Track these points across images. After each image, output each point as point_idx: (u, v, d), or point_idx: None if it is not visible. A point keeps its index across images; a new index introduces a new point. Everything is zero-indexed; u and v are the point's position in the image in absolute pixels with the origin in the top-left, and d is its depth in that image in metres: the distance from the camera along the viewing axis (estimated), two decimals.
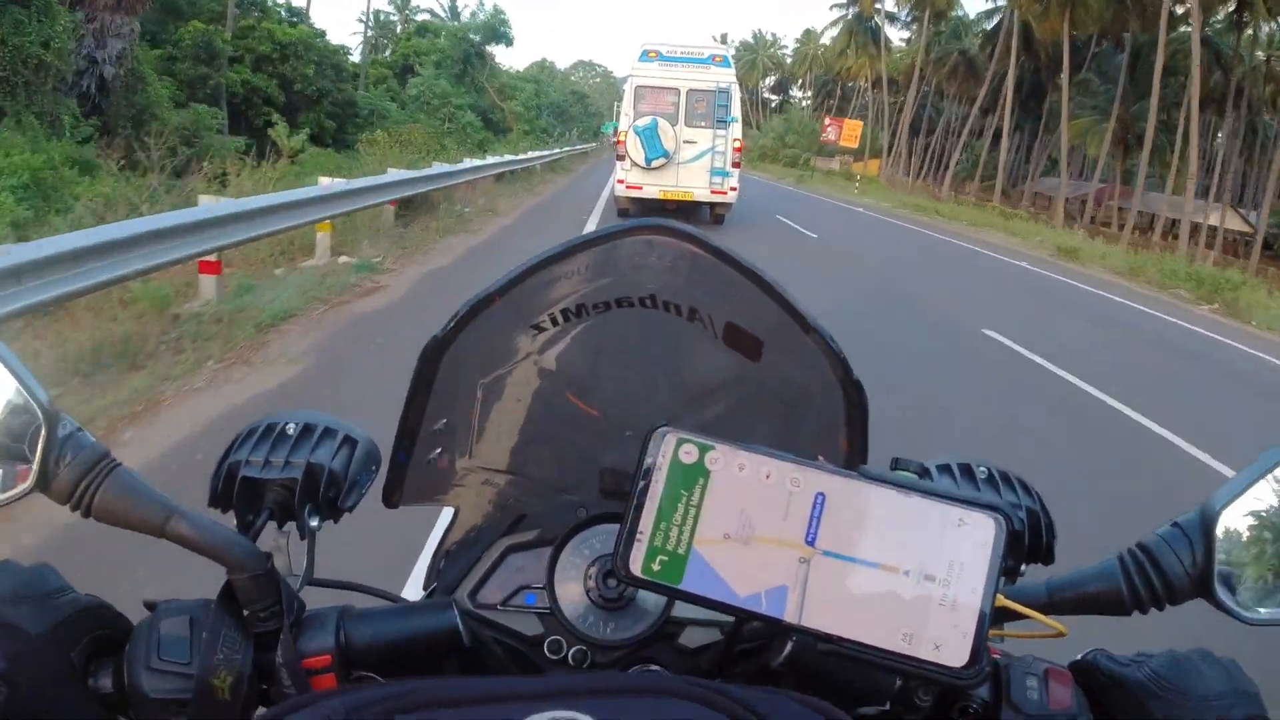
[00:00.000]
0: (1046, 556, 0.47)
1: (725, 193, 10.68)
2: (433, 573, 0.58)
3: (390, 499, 0.53)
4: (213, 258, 4.38)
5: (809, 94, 71.10)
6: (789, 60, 71.97)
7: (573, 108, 48.68)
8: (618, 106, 11.30)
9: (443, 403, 0.52)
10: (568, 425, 0.56)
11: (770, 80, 76.56)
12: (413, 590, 0.65)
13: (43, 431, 0.38)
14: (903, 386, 4.41)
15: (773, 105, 75.86)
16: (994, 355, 5.76)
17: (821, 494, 0.34)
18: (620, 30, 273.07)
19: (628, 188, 10.70)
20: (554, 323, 0.51)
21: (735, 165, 10.64)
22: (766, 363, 0.51)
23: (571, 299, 0.51)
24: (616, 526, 0.39)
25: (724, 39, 71.85)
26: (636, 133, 10.33)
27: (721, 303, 0.50)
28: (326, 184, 6.39)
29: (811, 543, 0.33)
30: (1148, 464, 3.95)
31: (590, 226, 9.23)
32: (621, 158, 10.63)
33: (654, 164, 10.39)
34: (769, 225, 13.01)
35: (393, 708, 0.31)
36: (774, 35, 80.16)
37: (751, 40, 74.37)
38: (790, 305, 0.48)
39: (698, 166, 10.55)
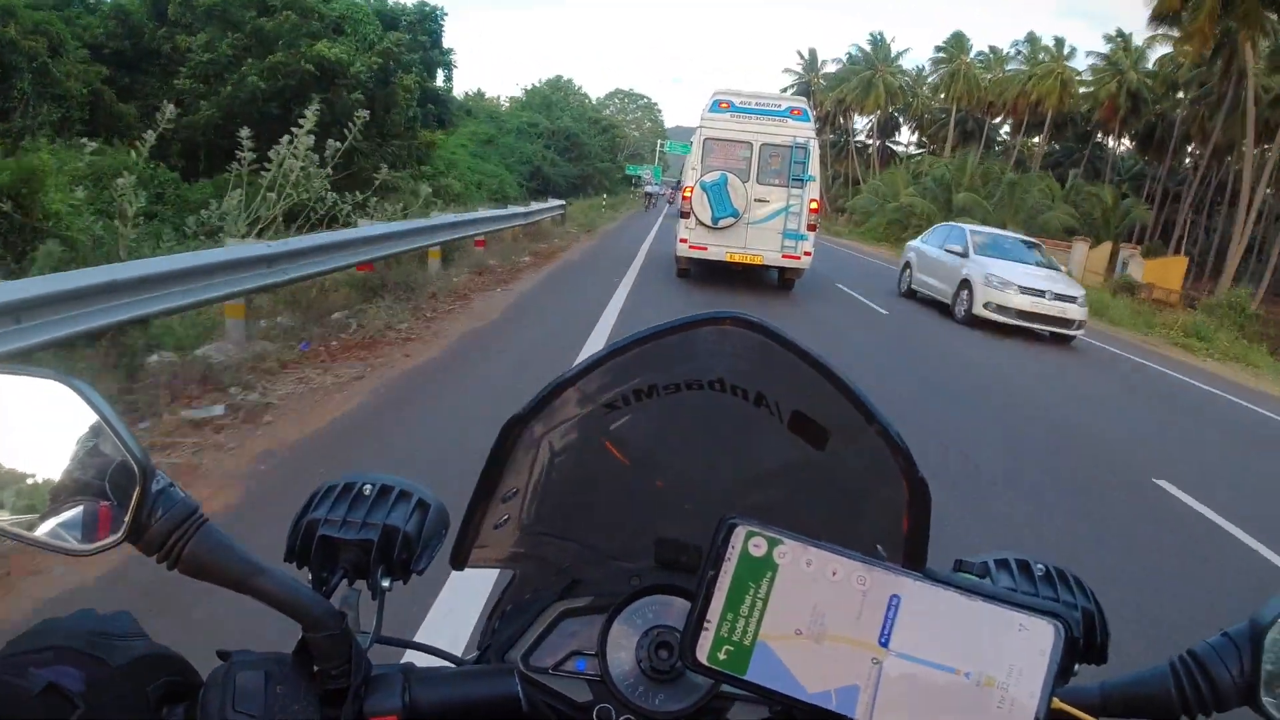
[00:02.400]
0: (1100, 656, 0.48)
1: (799, 257, 9.74)
2: (487, 632, 0.58)
3: (458, 562, 0.54)
4: None
5: (915, 134, 50.82)
6: (927, 79, 48.02)
7: (592, 140, 38.51)
8: (662, 146, 11.39)
9: (514, 473, 0.53)
10: (628, 496, 0.57)
11: (882, 113, 49.95)
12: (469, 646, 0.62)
13: (138, 485, 0.39)
14: None
15: (858, 146, 51.86)
16: None
17: (896, 596, 0.35)
18: (674, 61, 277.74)
19: (691, 247, 9.81)
20: (625, 402, 0.52)
21: (811, 228, 9.69)
22: (831, 452, 0.52)
23: (643, 381, 0.52)
24: (669, 598, 0.46)
25: (811, 59, 53.76)
26: (704, 189, 9.45)
27: (789, 391, 0.50)
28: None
29: (885, 644, 0.34)
30: None
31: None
32: (686, 214, 9.73)
33: (721, 223, 9.49)
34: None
35: None
36: (892, 40, 55.37)
37: (866, 49, 49.09)
38: (857, 398, 0.48)
39: (769, 228, 9.63)
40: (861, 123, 53.34)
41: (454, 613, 1.97)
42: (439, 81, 23.30)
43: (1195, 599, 2.89)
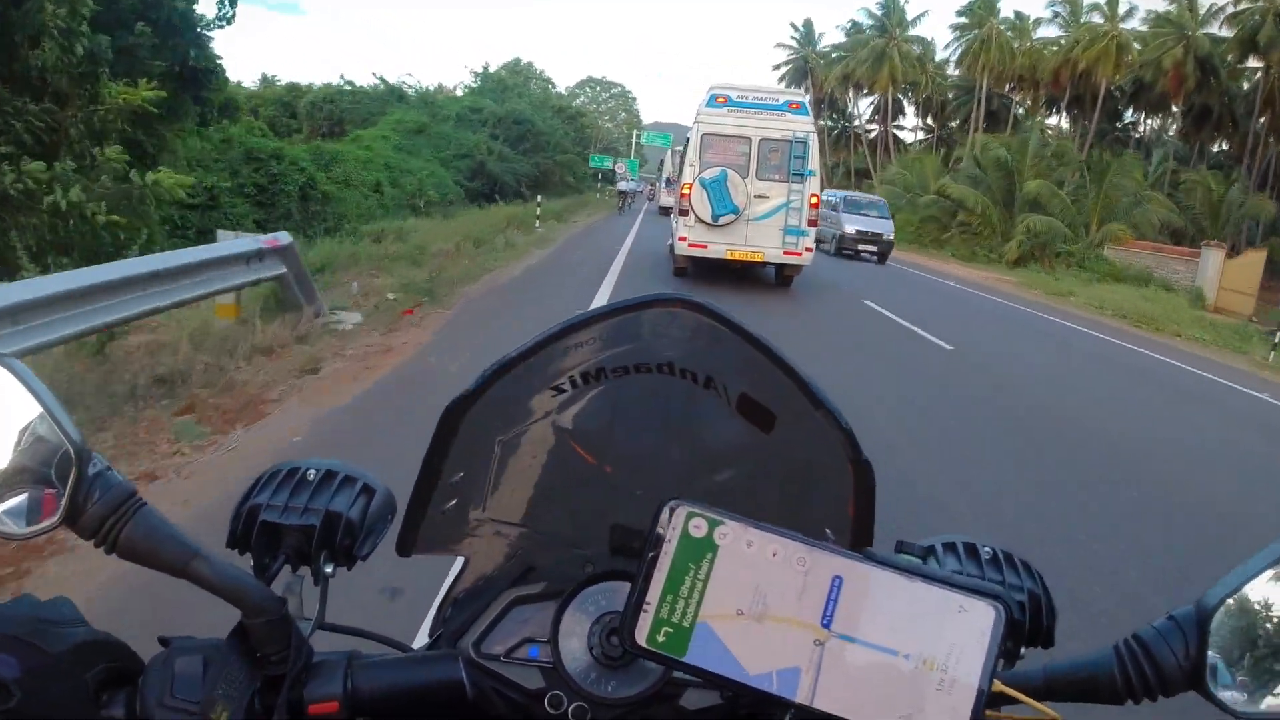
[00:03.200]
0: (1046, 640, 0.48)
1: (800, 254, 9.60)
2: (439, 620, 0.58)
3: (404, 548, 0.54)
4: None
5: (923, 118, 41.64)
6: (942, 49, 40.30)
7: (553, 129, 30.98)
8: (638, 138, 11.19)
9: (460, 457, 0.53)
10: (580, 482, 0.57)
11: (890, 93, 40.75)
12: (423, 638, 0.61)
13: (73, 468, 0.39)
14: None
15: (859, 131, 43.97)
16: None
17: (839, 577, 0.35)
18: (658, 55, 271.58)
19: (690, 246, 9.62)
20: (573, 385, 0.52)
21: (812, 223, 9.56)
22: (778, 435, 0.52)
23: (591, 364, 0.52)
24: (622, 584, 0.45)
25: (808, 31, 44.80)
26: (704, 186, 9.25)
27: (736, 374, 0.51)
28: None
29: (827, 625, 0.35)
30: None
31: None
32: (684, 212, 9.57)
33: (722, 220, 9.31)
34: None
35: None
36: (905, 2, 40.79)
37: (876, 14, 40.09)
38: (802, 381, 0.48)
39: (770, 224, 9.48)
40: (865, 105, 44.52)
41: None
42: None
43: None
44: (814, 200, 9.56)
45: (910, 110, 45.44)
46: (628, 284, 8.74)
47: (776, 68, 49.38)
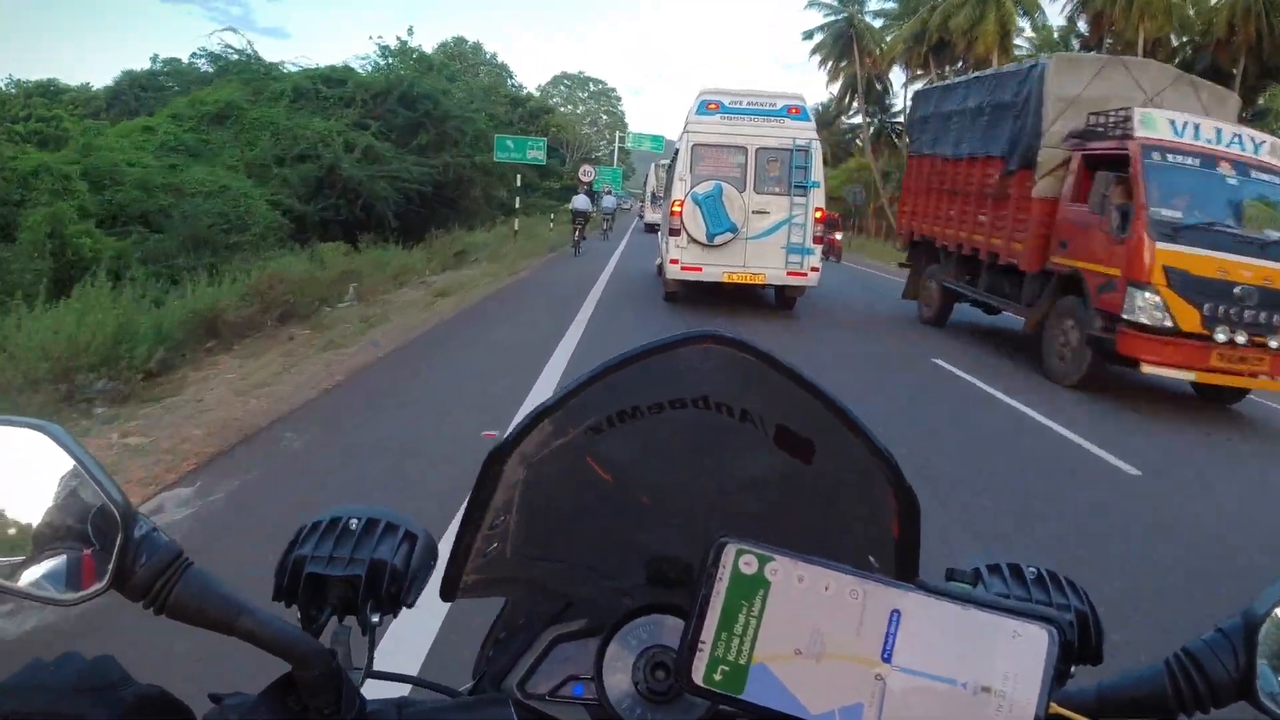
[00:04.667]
0: (1095, 657, 0.49)
1: (805, 274, 8.66)
2: (482, 660, 0.59)
3: (447, 593, 0.55)
4: None
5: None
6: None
7: (474, 119, 19.62)
8: (622, 141, 10.18)
9: (501, 502, 0.54)
10: (616, 514, 0.57)
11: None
12: (463, 676, 0.61)
13: (120, 532, 0.40)
14: None
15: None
16: None
17: (897, 611, 0.36)
18: (654, 59, 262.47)
19: (683, 269, 8.65)
20: (609, 424, 0.53)
21: (818, 240, 8.65)
22: (818, 465, 0.53)
23: (627, 402, 0.53)
24: (662, 617, 0.47)
25: None
26: (696, 201, 8.31)
27: (773, 406, 0.51)
28: None
29: (888, 659, 0.35)
30: None
31: None
32: (676, 232, 8.56)
33: (717, 240, 8.38)
34: None
35: None
36: None
37: None
38: (840, 410, 0.49)
39: (771, 242, 8.53)
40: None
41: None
42: None
43: None
44: (819, 214, 8.63)
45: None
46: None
47: (809, 35, 36.99)
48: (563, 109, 62.04)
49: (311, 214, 13.89)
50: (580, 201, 16.00)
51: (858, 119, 46.07)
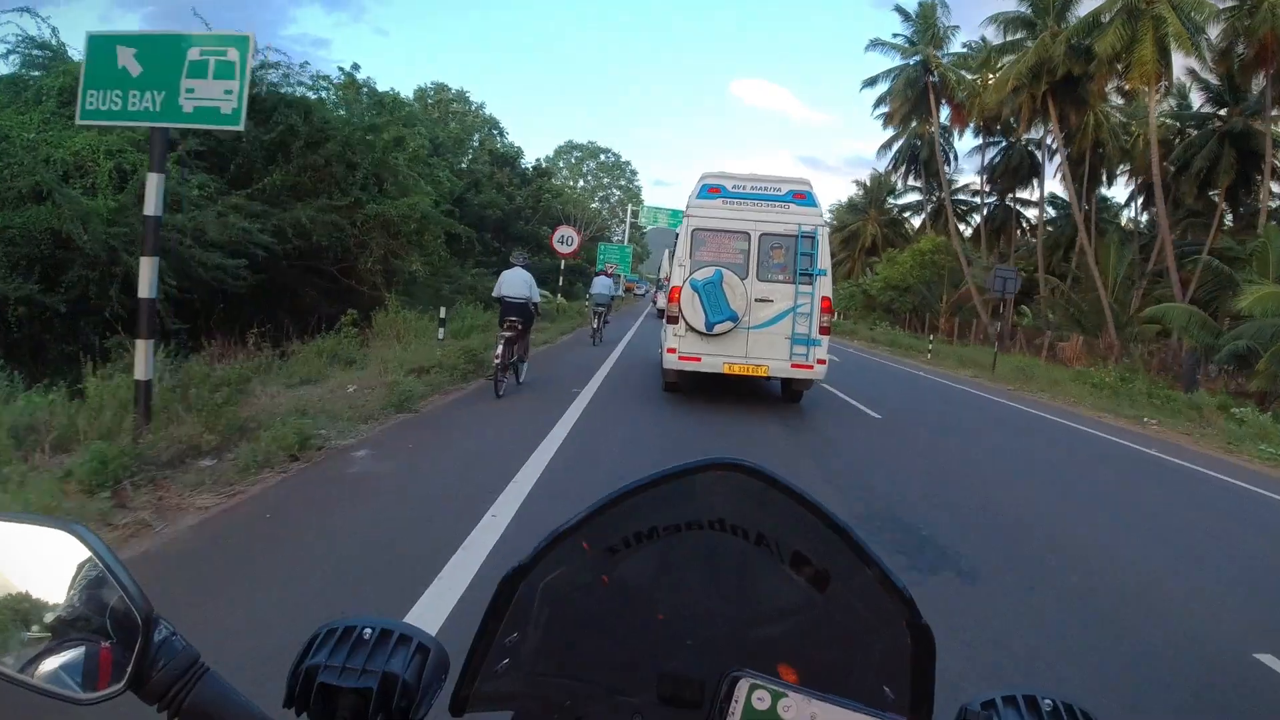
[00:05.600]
0: None
1: (811, 366, 9.57)
2: None
3: (456, 708, 0.63)
4: None
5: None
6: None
7: (370, 142, 13.37)
8: (634, 218, 10.93)
9: (516, 620, 0.63)
10: (631, 631, 0.65)
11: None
12: None
13: (140, 635, 0.47)
14: None
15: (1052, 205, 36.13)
16: None
17: None
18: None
19: (680, 359, 9.64)
20: (626, 545, 0.63)
21: (824, 331, 9.56)
22: (832, 593, 0.61)
23: (645, 524, 0.62)
24: None
25: (926, 14, 34.03)
26: (695, 289, 9.39)
27: (789, 532, 0.61)
28: None
29: None
30: None
31: None
32: (674, 319, 9.62)
33: (717, 329, 9.39)
34: None
35: None
36: None
37: None
38: (855, 543, 0.58)
39: (774, 333, 9.55)
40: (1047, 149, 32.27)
41: None
42: None
43: None
44: (826, 304, 9.54)
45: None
46: None
47: (870, 83, 37.53)
48: (571, 184, 62.01)
49: (22, 301, 8.38)
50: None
51: (909, 196, 47.55)
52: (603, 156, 67.18)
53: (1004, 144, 37.11)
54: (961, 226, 41.92)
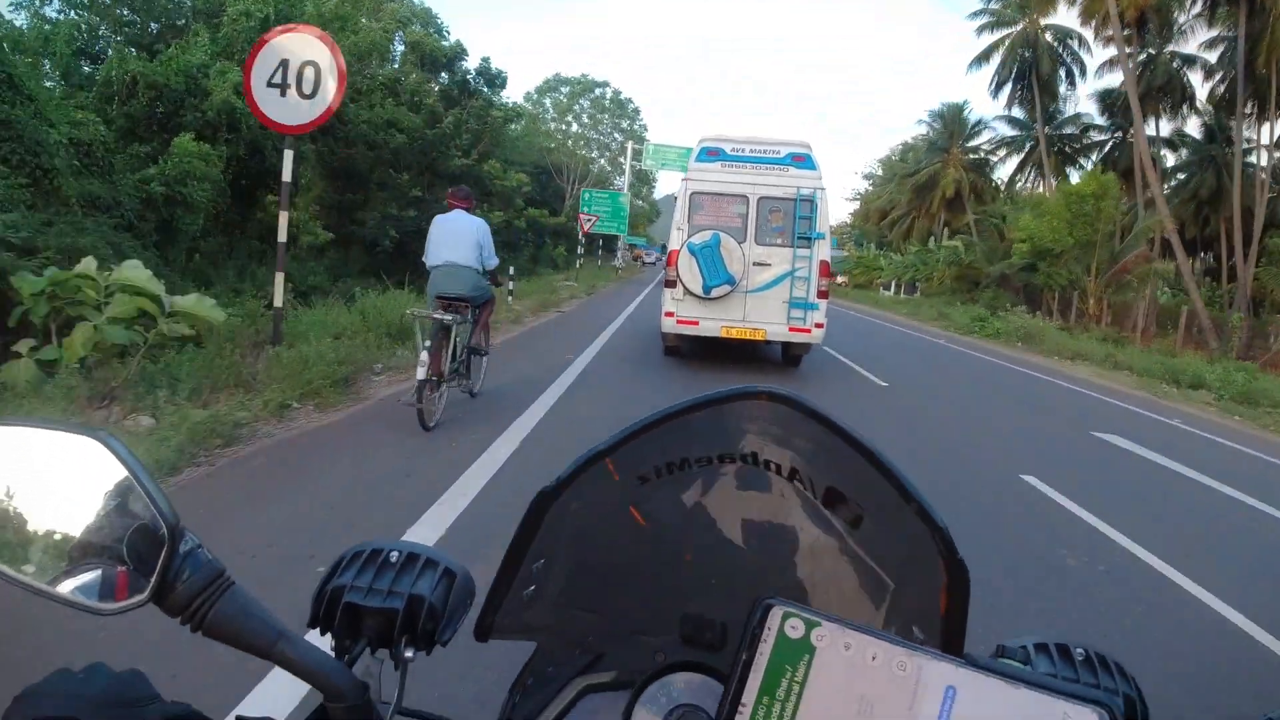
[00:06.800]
0: None
1: (809, 330, 11.67)
2: (508, 706, 0.82)
3: (482, 633, 0.79)
4: None
5: None
6: None
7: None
8: (638, 151, 12.25)
9: (543, 546, 0.77)
10: (657, 569, 0.81)
11: None
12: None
13: (165, 546, 0.59)
14: None
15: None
16: None
17: (952, 688, 0.51)
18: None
19: (679, 322, 11.76)
20: (658, 474, 0.78)
21: (822, 295, 11.65)
22: (866, 531, 0.75)
23: (677, 454, 0.77)
24: (694, 676, 0.65)
25: None
26: (693, 252, 11.61)
27: (823, 466, 0.75)
28: None
29: None
30: None
31: None
32: (671, 283, 11.81)
33: (714, 293, 11.63)
34: None
35: None
36: None
37: None
38: (894, 475, 0.70)
39: (772, 296, 11.78)
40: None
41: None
42: None
43: None
44: (824, 268, 11.64)
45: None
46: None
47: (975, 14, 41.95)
48: (558, 126, 60.94)
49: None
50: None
51: (983, 136, 46.48)
52: (598, 92, 64.25)
53: (1145, 56, 35.42)
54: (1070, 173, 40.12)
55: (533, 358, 12.17)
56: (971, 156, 49.99)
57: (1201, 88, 34.84)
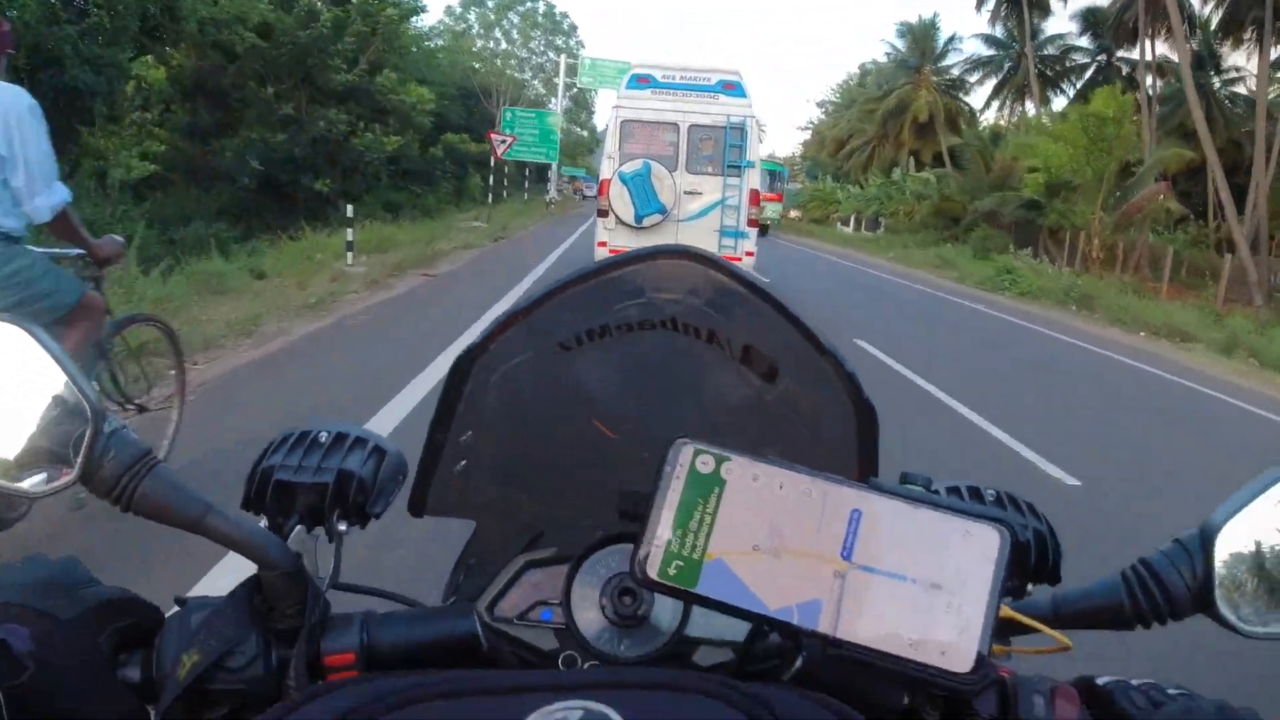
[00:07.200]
0: (1053, 576, 0.77)
1: (739, 259, 12.42)
2: (451, 585, 0.92)
3: (416, 507, 0.86)
4: None
5: None
6: None
7: None
8: (572, 65, 12.53)
9: (470, 416, 0.84)
10: (589, 447, 0.89)
11: None
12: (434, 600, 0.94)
13: (89, 428, 0.64)
14: None
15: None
16: None
17: (858, 510, 0.56)
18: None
19: (611, 252, 12.26)
20: (579, 341, 0.84)
21: (752, 223, 12.52)
22: (782, 385, 0.84)
23: (597, 319, 0.83)
24: (631, 546, 0.67)
25: None
26: (624, 181, 12.48)
27: (740, 326, 0.83)
28: None
29: (848, 557, 0.56)
30: None
31: None
32: (604, 213, 12.63)
33: (646, 222, 12.49)
34: None
35: (414, 696, 0.54)
36: None
37: None
38: (806, 329, 0.79)
39: (703, 225, 12.65)
40: None
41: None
42: None
43: None
44: (754, 197, 12.55)
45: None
46: None
47: None
48: (485, 45, 59.27)
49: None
50: None
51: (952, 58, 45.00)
52: (529, 4, 63.45)
53: None
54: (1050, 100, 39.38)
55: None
56: (944, 78, 48.87)
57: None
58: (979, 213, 34.66)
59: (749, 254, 13.01)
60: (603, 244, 13.13)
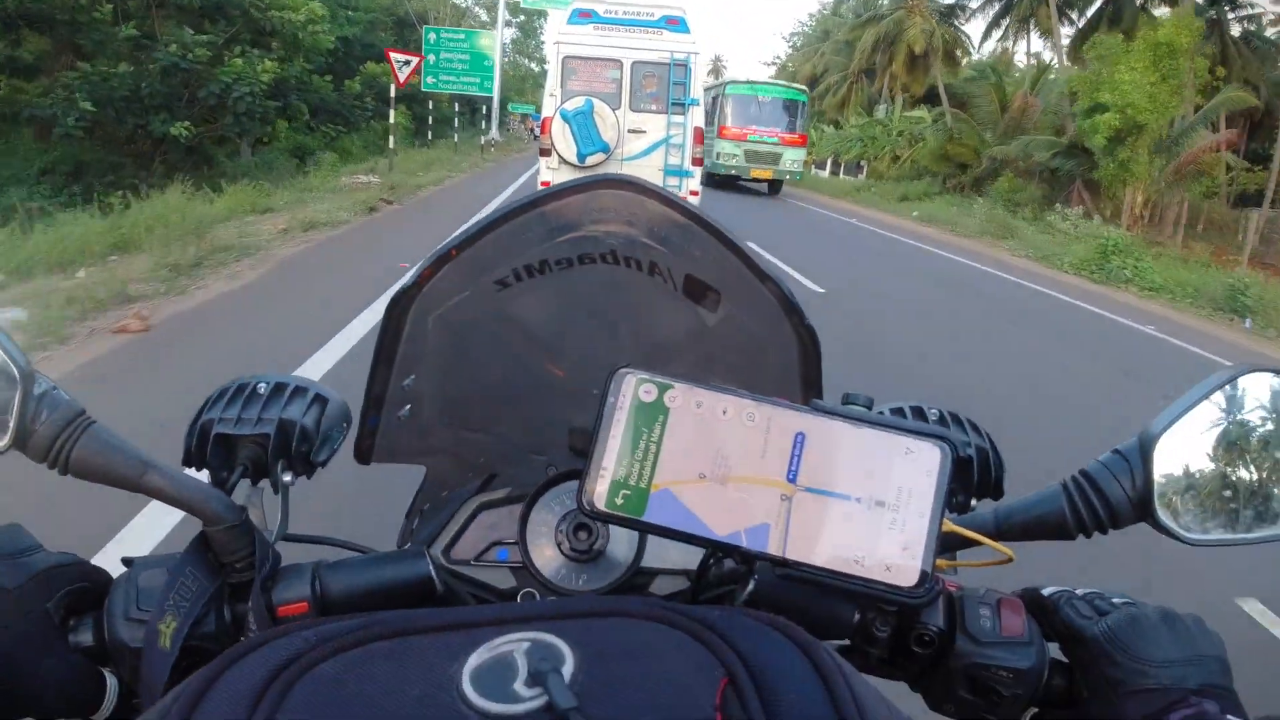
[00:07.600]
0: (995, 491, 0.82)
1: (684, 198, 14.76)
2: (406, 531, 0.98)
3: (362, 455, 0.90)
4: None
5: None
6: None
7: None
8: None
9: (410, 360, 0.87)
10: (535, 386, 0.93)
11: None
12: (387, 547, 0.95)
13: (18, 391, 0.66)
14: None
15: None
16: None
17: (801, 433, 0.60)
18: None
19: None
20: (517, 278, 0.87)
21: (697, 162, 13.19)
22: (725, 314, 0.88)
23: (534, 254, 0.86)
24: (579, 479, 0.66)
25: None
26: (566, 119, 13.11)
27: (681, 256, 0.86)
28: None
29: (793, 480, 0.60)
30: None
31: None
32: (546, 152, 13.23)
33: (589, 161, 13.05)
34: None
35: (366, 636, 0.56)
36: None
37: None
38: (747, 256, 0.83)
39: (647, 164, 13.29)
40: None
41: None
42: None
43: None
44: (698, 135, 13.09)
45: None
46: None
47: None
48: None
49: None
50: None
51: None
52: None
53: None
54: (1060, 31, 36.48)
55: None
56: (938, 2, 45.48)
57: None
58: (995, 161, 31.29)
59: (694, 193, 13.58)
60: (546, 184, 13.19)
